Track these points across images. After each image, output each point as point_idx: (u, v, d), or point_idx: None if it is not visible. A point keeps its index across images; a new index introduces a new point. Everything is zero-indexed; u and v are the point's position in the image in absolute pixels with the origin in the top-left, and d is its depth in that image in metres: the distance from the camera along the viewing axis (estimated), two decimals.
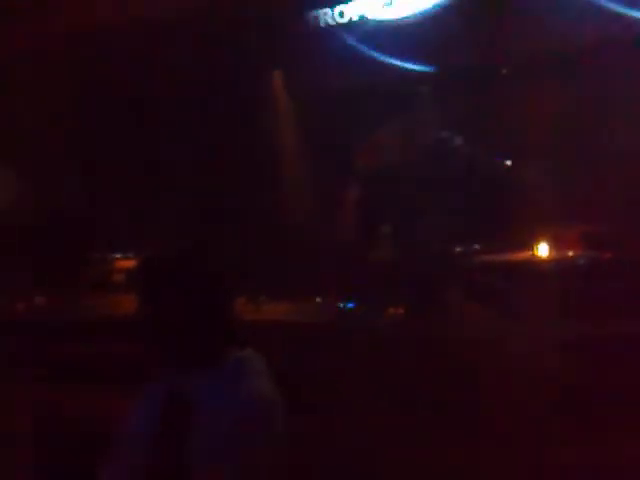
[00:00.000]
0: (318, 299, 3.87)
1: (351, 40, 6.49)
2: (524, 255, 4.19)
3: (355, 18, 6.54)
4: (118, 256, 5.94)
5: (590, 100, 5.39)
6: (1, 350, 4.44)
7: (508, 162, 5.27)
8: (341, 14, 6.58)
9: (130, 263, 5.39)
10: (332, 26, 6.58)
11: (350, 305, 3.81)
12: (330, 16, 6.59)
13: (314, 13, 6.63)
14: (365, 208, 4.37)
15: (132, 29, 6.93)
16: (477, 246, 4.06)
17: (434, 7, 6.15)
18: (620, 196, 5.10)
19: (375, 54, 6.27)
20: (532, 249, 4.17)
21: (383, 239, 4.28)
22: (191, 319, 2.50)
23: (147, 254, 2.76)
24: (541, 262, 4.08)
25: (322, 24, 6.63)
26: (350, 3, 6.60)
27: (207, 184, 6.82)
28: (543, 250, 4.17)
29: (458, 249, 4.04)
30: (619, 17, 5.33)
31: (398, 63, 6.08)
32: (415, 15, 6.15)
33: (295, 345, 3.54)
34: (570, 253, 4.10)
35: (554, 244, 4.19)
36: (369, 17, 6.48)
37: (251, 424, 2.43)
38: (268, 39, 6.61)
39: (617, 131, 5.24)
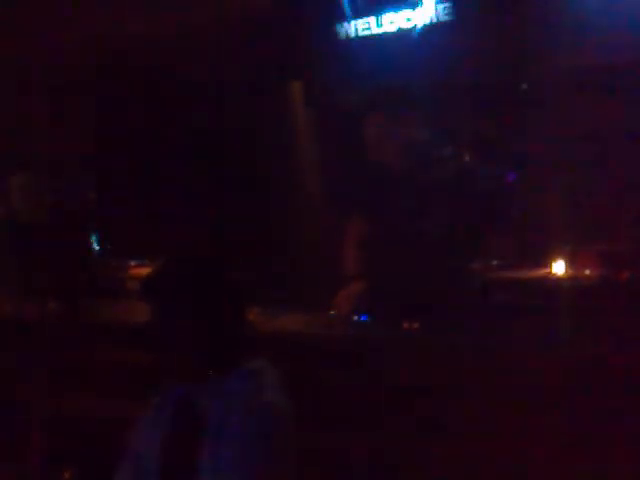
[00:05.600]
0: (333, 311, 3.86)
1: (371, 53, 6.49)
2: (540, 272, 4.18)
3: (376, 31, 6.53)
4: (133, 263, 5.95)
5: (610, 117, 5.37)
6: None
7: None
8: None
9: (145, 270, 5.37)
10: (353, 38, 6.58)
11: (364, 318, 3.79)
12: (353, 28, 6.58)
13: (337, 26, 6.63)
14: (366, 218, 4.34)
15: (136, 44, 6.95)
16: (495, 262, 4.04)
17: (451, 20, 6.14)
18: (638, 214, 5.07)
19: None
20: (548, 267, 4.17)
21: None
22: (204, 329, 2.49)
23: (161, 262, 2.74)
24: (557, 280, 4.08)
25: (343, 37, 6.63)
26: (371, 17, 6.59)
27: (224, 195, 6.83)
28: (560, 268, 4.16)
29: (475, 265, 4.04)
30: None
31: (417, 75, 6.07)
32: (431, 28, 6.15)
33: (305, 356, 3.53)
34: (587, 271, 4.08)
35: (571, 262, 4.18)
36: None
37: (265, 438, 2.41)
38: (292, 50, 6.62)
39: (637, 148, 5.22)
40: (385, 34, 6.45)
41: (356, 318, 3.82)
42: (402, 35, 6.36)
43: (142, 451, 2.54)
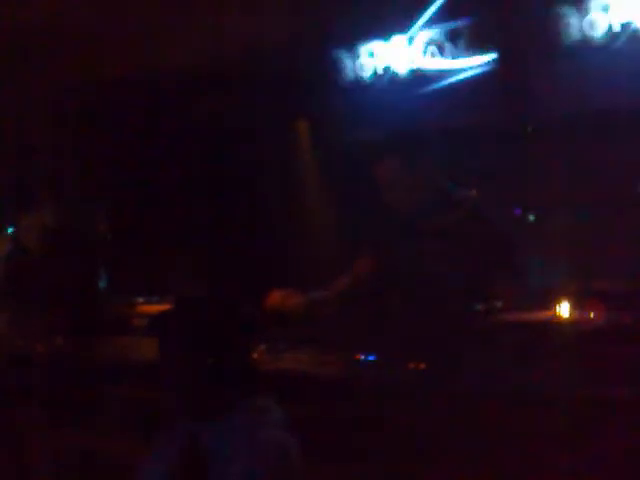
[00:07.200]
0: (340, 350, 3.87)
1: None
2: (545, 315, 4.19)
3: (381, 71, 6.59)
4: (141, 300, 5.97)
5: (613, 156, 5.43)
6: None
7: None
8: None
9: (152, 308, 5.40)
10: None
11: (371, 358, 3.80)
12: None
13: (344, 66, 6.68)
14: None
15: (143, 81, 7.00)
16: (499, 304, 4.05)
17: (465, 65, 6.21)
18: None
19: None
20: (553, 309, 4.18)
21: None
22: (210, 367, 2.51)
23: (170, 301, 2.79)
24: (563, 323, 4.09)
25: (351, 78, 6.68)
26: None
27: (234, 234, 6.85)
28: (564, 310, 4.17)
29: (478, 307, 4.05)
30: None
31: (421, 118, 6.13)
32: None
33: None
34: (592, 314, 4.09)
35: (576, 304, 4.19)
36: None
37: (269, 475, 2.44)
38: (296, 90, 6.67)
39: None
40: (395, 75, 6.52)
41: (363, 358, 3.83)
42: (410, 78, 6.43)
43: None
